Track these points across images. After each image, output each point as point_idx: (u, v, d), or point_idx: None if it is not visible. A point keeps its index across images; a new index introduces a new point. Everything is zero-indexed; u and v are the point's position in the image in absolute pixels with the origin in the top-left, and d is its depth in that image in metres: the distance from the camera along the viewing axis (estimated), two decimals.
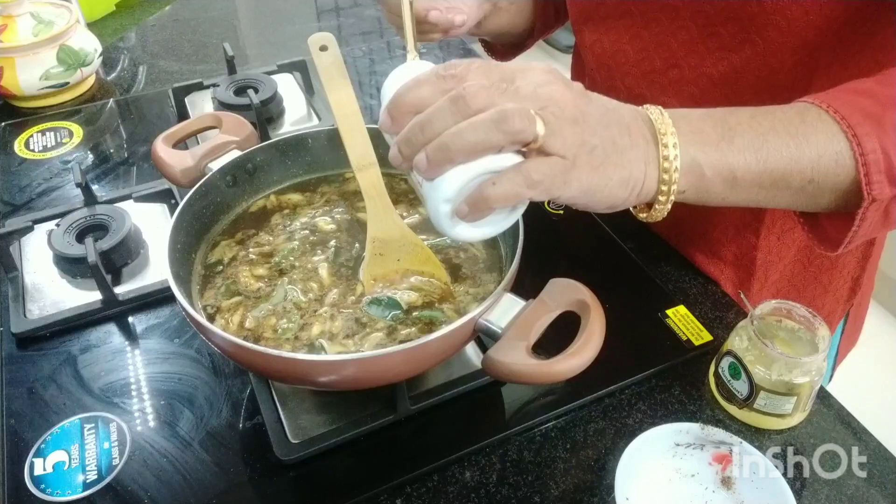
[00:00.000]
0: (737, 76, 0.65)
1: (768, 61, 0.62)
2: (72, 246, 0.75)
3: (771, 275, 0.78)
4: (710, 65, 0.66)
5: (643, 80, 0.72)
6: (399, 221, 0.65)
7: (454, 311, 0.60)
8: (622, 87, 0.74)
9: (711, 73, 0.66)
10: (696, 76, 0.67)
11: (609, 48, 0.74)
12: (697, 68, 0.67)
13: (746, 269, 0.77)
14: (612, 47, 0.74)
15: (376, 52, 1.24)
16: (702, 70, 0.67)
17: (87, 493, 0.57)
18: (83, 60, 1.08)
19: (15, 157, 0.97)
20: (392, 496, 0.58)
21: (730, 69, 0.65)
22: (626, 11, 0.71)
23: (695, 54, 0.67)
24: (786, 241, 0.75)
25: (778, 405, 0.60)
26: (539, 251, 0.81)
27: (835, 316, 0.86)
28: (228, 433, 0.62)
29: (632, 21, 0.70)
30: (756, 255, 0.75)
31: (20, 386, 0.66)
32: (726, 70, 0.65)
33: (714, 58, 0.65)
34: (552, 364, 0.48)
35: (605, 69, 0.76)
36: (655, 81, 0.71)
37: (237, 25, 1.40)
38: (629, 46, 0.72)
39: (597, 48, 0.76)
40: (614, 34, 0.73)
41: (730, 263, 0.77)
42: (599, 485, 0.58)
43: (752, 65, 0.63)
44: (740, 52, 0.63)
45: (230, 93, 1.00)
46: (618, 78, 0.74)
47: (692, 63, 0.67)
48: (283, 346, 0.57)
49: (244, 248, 0.66)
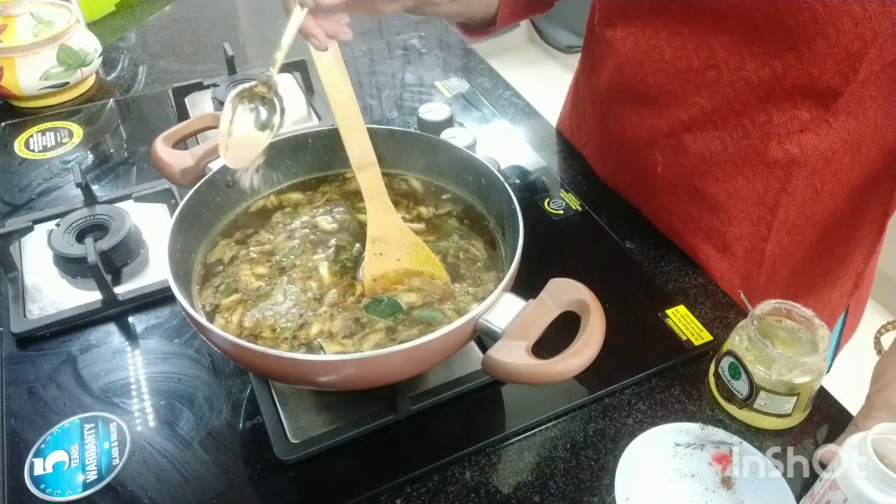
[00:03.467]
0: (775, 81, 0.65)
1: (809, 70, 0.63)
2: (72, 246, 0.75)
3: (780, 269, 0.78)
4: (750, 69, 0.66)
5: (677, 77, 0.72)
6: (399, 221, 0.65)
7: (454, 311, 0.60)
8: (653, 82, 0.74)
9: (751, 76, 0.66)
10: (735, 79, 0.67)
11: (643, 43, 0.73)
12: (737, 71, 0.67)
13: (755, 262, 0.77)
14: (646, 42, 0.73)
15: (376, 52, 1.24)
16: (741, 73, 0.67)
17: (86, 493, 0.57)
18: (83, 60, 1.08)
19: (15, 157, 0.97)
20: (392, 496, 0.58)
21: (770, 75, 0.65)
22: (665, 8, 0.70)
23: (736, 57, 0.66)
24: (796, 238, 0.76)
25: (778, 405, 0.60)
26: (539, 251, 0.81)
27: (838, 311, 0.87)
28: (228, 433, 0.62)
29: (670, 18, 0.70)
30: (766, 248, 0.76)
31: (20, 386, 0.66)
32: (767, 75, 0.65)
33: (756, 62, 0.65)
34: (552, 364, 0.48)
35: (636, 63, 0.75)
36: (690, 80, 0.71)
37: (237, 25, 1.39)
38: (665, 43, 0.71)
39: (629, 42, 0.75)
40: (650, 29, 0.72)
41: (740, 258, 0.78)
42: (599, 485, 0.58)
43: (793, 72, 0.63)
44: (783, 58, 0.63)
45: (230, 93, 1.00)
46: (649, 73, 0.74)
47: (732, 65, 0.67)
48: (280, 345, 0.57)
49: (245, 246, 0.66)
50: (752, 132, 0.69)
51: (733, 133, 0.71)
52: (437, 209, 0.71)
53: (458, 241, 0.67)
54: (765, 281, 0.78)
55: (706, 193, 0.75)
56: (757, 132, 0.69)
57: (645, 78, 0.75)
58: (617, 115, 0.82)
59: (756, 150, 0.70)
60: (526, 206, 0.86)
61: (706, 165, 0.74)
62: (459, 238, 0.67)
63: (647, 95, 0.75)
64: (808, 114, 0.66)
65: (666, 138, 0.76)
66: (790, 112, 0.66)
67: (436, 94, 1.09)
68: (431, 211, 0.71)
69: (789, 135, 0.68)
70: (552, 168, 0.93)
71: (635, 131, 0.79)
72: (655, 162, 0.78)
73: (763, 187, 0.72)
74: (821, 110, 0.65)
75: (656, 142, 0.77)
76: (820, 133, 0.67)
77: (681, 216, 0.79)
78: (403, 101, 1.09)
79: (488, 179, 0.68)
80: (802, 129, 0.67)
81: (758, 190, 0.72)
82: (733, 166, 0.72)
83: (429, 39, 1.26)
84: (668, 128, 0.75)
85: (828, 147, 0.68)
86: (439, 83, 1.12)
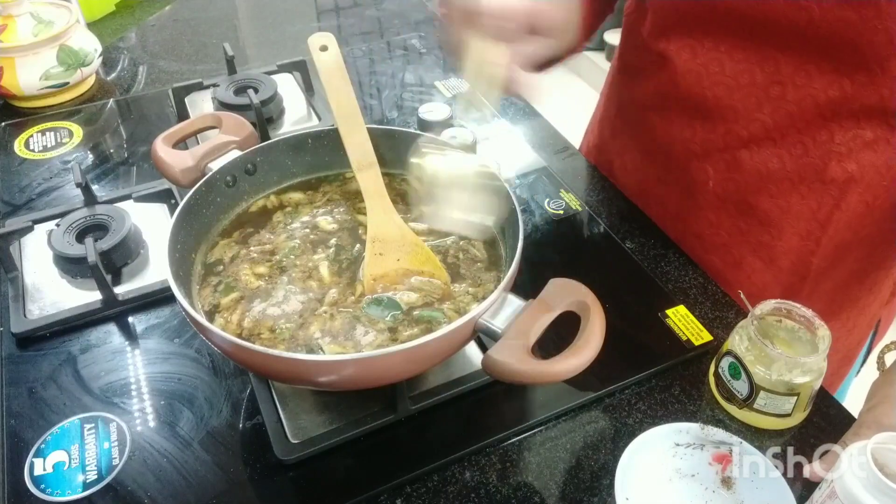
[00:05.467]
0: (843, 101, 0.64)
1: (880, 91, 0.62)
2: (72, 246, 0.75)
3: (824, 282, 0.76)
4: (818, 86, 0.64)
5: (738, 91, 0.69)
6: (399, 221, 0.65)
7: (454, 311, 0.60)
8: (710, 95, 0.71)
9: (818, 94, 0.64)
10: (801, 96, 0.65)
11: (702, 55, 0.70)
12: (804, 88, 0.65)
13: (800, 275, 0.76)
14: (705, 55, 0.70)
15: (376, 52, 1.24)
16: (808, 91, 0.65)
17: (86, 493, 0.57)
18: (83, 60, 1.08)
19: (15, 157, 0.97)
20: (392, 496, 0.58)
21: (838, 93, 0.63)
22: (727, 21, 0.67)
23: (803, 73, 0.64)
24: (843, 252, 0.74)
25: (778, 405, 0.60)
26: (539, 251, 0.81)
27: (875, 318, 0.86)
28: (228, 433, 0.62)
29: (733, 31, 0.67)
30: (812, 262, 0.74)
31: (20, 386, 0.66)
32: (835, 94, 0.64)
33: (824, 80, 0.63)
34: (552, 364, 0.48)
35: (693, 76, 0.72)
36: (752, 95, 0.68)
37: (237, 25, 1.39)
38: (726, 56, 0.68)
39: (685, 53, 0.72)
40: (710, 42, 0.69)
41: (785, 270, 0.76)
42: (599, 485, 0.58)
43: (863, 92, 0.62)
44: (854, 77, 0.62)
45: (230, 93, 1.00)
46: (707, 86, 0.71)
47: (799, 82, 0.65)
48: (278, 345, 0.57)
49: (245, 246, 0.66)
50: (812, 150, 0.68)
51: (792, 150, 0.69)
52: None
53: (458, 241, 0.67)
54: (808, 293, 0.77)
55: (758, 209, 0.74)
56: (817, 150, 0.67)
57: (702, 91, 0.71)
58: (665, 127, 0.78)
59: (815, 168, 0.68)
60: (526, 206, 0.87)
61: (761, 182, 0.72)
62: (459, 238, 0.67)
63: (702, 109, 0.72)
64: (871, 133, 0.65)
65: (720, 153, 0.73)
66: (853, 131, 0.65)
67: (436, 94, 1.09)
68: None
69: (850, 153, 0.66)
70: (552, 168, 0.93)
71: (686, 145, 0.76)
72: (706, 177, 0.76)
73: (817, 204, 0.70)
74: (885, 130, 0.64)
75: (709, 156, 0.74)
76: (878, 150, 0.66)
77: (728, 229, 0.77)
78: (403, 101, 1.09)
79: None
80: (863, 147, 0.66)
81: (811, 206, 0.71)
82: (790, 184, 0.70)
83: (429, 39, 1.26)
84: (724, 143, 0.72)
85: (884, 163, 0.66)
86: (439, 83, 1.12)
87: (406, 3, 1.41)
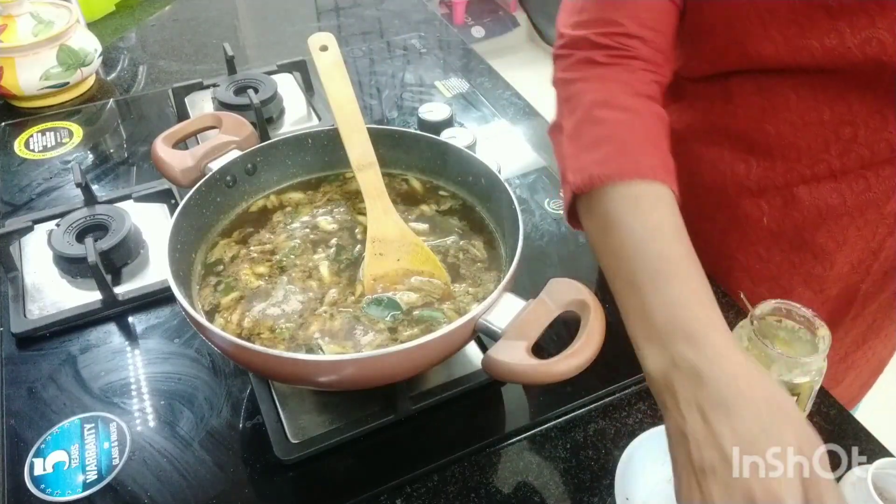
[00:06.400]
0: None
1: None
2: (72, 246, 0.75)
3: (869, 305, 0.75)
4: (894, 129, 0.61)
5: (804, 129, 0.65)
6: (399, 221, 0.65)
7: (454, 311, 0.60)
8: (772, 131, 0.67)
9: (893, 139, 0.61)
10: (875, 140, 0.62)
11: (766, 88, 0.66)
12: (879, 131, 0.62)
13: (847, 300, 0.74)
14: (770, 88, 0.66)
15: (376, 52, 1.24)
16: (883, 134, 0.62)
17: (86, 493, 0.57)
18: (83, 60, 1.08)
19: (15, 157, 0.97)
20: (392, 496, 0.58)
21: None
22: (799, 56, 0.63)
23: (878, 116, 0.61)
24: (890, 278, 0.72)
25: None
26: (539, 251, 0.81)
27: None
28: (228, 433, 0.62)
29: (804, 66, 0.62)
30: (860, 288, 0.73)
31: (20, 386, 0.66)
32: None
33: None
34: (552, 364, 0.48)
35: (756, 109, 0.67)
36: (819, 135, 0.64)
37: (237, 25, 1.39)
38: (793, 92, 0.64)
39: (748, 85, 0.67)
40: (776, 75, 0.64)
41: (832, 297, 0.74)
42: (599, 485, 0.58)
43: None
44: None
45: (230, 93, 1.00)
46: (769, 122, 0.67)
47: (873, 125, 0.62)
48: (278, 345, 0.57)
49: (245, 246, 0.66)
50: (875, 186, 0.65)
51: (853, 186, 0.66)
52: (439, 206, 0.71)
53: (458, 241, 0.67)
54: (853, 316, 0.76)
55: (814, 244, 0.71)
56: (880, 186, 0.65)
57: (764, 126, 0.67)
58: (712, 160, 0.73)
59: (876, 203, 0.66)
60: (526, 206, 0.87)
61: (820, 218, 0.69)
62: (459, 238, 0.67)
63: (762, 145, 0.68)
64: None
65: (777, 189, 0.69)
66: None
67: (436, 94, 1.09)
68: (433, 208, 0.71)
69: None
70: (552, 168, 0.93)
71: (738, 180, 0.71)
72: (760, 213, 0.72)
73: (871, 234, 0.68)
74: None
75: (765, 192, 0.70)
76: None
77: (779, 263, 0.74)
78: (403, 101, 1.09)
79: (488, 179, 0.68)
80: None
81: (866, 237, 0.69)
82: (849, 218, 0.68)
83: (429, 39, 1.26)
84: (784, 181, 0.68)
85: None
86: (439, 83, 1.12)
87: (406, 3, 1.41)
